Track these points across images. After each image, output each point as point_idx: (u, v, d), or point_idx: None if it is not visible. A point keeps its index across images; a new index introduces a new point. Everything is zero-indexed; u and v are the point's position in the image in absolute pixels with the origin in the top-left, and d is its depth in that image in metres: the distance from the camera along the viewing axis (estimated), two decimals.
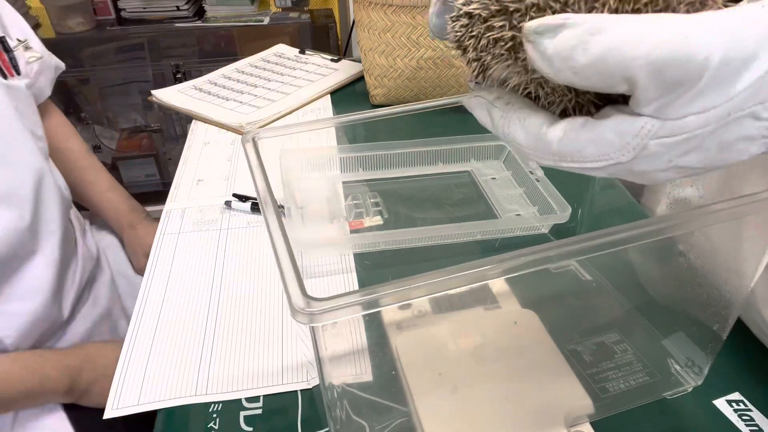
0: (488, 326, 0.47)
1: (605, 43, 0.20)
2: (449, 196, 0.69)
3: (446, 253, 0.60)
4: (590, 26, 0.21)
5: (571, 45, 0.21)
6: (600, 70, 0.21)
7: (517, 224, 0.61)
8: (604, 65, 0.21)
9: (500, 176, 0.71)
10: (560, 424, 0.42)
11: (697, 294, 0.41)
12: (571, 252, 0.29)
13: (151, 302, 0.56)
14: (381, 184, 0.70)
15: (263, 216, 0.32)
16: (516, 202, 0.67)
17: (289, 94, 0.95)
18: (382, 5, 0.79)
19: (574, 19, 0.21)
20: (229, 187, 0.73)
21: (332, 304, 0.26)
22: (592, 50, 0.21)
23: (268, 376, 0.48)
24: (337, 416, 0.37)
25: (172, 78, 1.56)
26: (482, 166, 0.73)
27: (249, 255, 0.61)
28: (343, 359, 0.42)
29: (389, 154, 0.71)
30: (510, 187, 0.69)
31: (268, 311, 0.55)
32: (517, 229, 0.61)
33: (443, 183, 0.71)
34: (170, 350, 0.51)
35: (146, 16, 1.59)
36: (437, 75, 0.83)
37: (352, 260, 0.59)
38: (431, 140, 0.71)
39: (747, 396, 0.45)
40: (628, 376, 0.44)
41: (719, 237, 0.39)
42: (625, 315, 0.48)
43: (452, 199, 0.68)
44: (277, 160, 0.67)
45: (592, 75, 0.21)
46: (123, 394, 0.47)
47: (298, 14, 1.61)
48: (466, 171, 0.73)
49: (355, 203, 0.66)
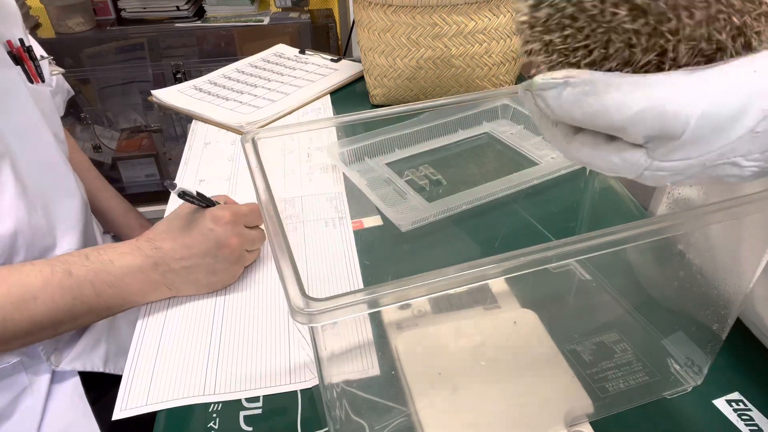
0: (488, 326, 0.47)
1: (597, 106, 0.25)
2: (482, 156, 0.73)
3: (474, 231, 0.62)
4: (585, 89, 0.25)
5: (569, 102, 0.25)
6: (592, 122, 0.25)
7: (559, 166, 0.66)
8: (595, 120, 0.25)
9: (515, 131, 0.76)
10: (560, 423, 0.42)
11: (697, 294, 0.41)
12: (571, 252, 0.29)
13: (156, 303, 0.56)
14: (411, 161, 0.74)
15: (263, 217, 0.32)
16: (543, 147, 0.71)
17: (289, 94, 0.95)
18: (382, 5, 0.79)
19: (574, 79, 0.25)
20: (231, 187, 0.73)
21: (331, 304, 0.26)
22: (585, 109, 0.25)
23: (268, 376, 0.48)
24: (336, 416, 0.37)
25: (172, 78, 1.56)
26: (495, 126, 0.77)
27: None
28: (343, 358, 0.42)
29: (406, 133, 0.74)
30: (529, 137, 0.74)
31: (268, 311, 0.55)
32: (560, 169, 0.66)
33: (468, 147, 0.75)
34: (176, 351, 0.51)
35: (146, 16, 1.59)
36: (437, 75, 0.83)
37: (355, 260, 0.59)
38: (440, 111, 0.75)
39: (746, 396, 0.45)
40: (628, 376, 0.44)
41: (719, 237, 0.39)
42: (625, 315, 0.48)
43: (487, 158, 0.73)
44: (277, 160, 0.67)
45: (587, 124, 0.26)
46: (131, 395, 0.47)
47: (298, 14, 1.61)
48: (484, 133, 0.77)
49: (407, 180, 0.69)
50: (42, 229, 0.61)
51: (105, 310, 0.54)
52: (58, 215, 0.65)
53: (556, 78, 0.25)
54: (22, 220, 0.58)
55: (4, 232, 0.56)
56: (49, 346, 0.62)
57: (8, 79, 0.63)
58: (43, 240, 0.61)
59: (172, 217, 0.56)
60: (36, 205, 0.61)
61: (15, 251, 0.57)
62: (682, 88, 0.23)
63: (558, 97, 0.25)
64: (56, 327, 0.53)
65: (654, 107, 0.23)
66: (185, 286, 0.55)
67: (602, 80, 0.24)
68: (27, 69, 0.68)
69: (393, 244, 0.62)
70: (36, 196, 0.61)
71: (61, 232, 0.65)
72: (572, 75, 0.25)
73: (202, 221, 0.55)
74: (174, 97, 0.97)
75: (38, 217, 0.60)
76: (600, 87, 0.24)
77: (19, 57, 0.67)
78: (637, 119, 0.24)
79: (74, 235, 0.66)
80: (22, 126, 0.63)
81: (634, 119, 0.24)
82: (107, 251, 0.54)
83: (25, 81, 0.67)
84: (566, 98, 0.25)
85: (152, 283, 0.54)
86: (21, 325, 0.50)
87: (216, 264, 0.55)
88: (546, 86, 0.25)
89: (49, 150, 0.67)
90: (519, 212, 0.66)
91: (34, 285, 0.51)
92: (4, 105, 0.61)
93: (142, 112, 1.71)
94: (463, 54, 0.81)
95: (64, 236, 0.65)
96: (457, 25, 0.78)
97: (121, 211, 0.92)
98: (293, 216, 0.67)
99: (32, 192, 0.60)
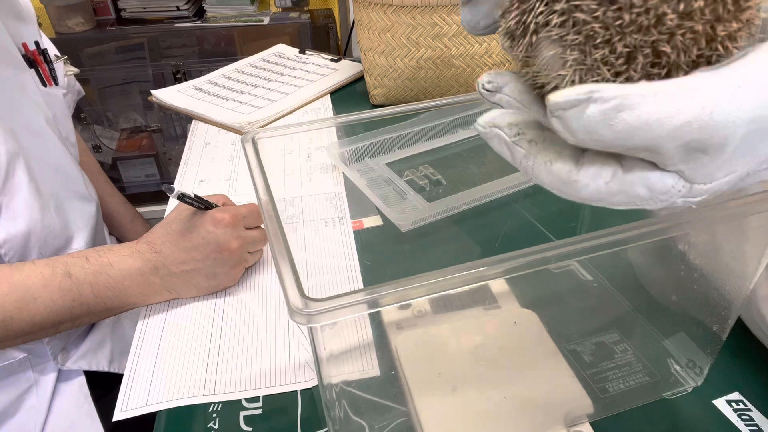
0: (488, 326, 0.47)
1: (632, 122, 0.20)
2: (482, 156, 0.73)
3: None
4: (618, 103, 0.20)
5: (596, 120, 0.20)
6: (624, 143, 0.21)
7: None
8: (629, 139, 0.20)
9: None
10: (560, 423, 0.42)
11: (697, 294, 0.41)
12: (571, 252, 0.29)
13: (156, 304, 0.56)
14: (411, 161, 0.73)
15: (263, 218, 0.32)
16: None
17: (289, 94, 0.95)
18: (382, 5, 0.79)
19: (600, 93, 0.20)
20: (231, 187, 0.73)
21: (330, 304, 0.25)
22: (618, 127, 0.20)
23: (268, 376, 0.48)
24: (336, 416, 0.37)
25: (172, 78, 1.56)
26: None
27: None
28: (342, 358, 0.42)
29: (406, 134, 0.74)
30: None
31: (268, 311, 0.55)
32: None
33: (468, 147, 0.75)
34: (176, 352, 0.51)
35: (146, 16, 1.58)
36: (437, 75, 0.83)
37: (355, 260, 0.59)
38: (440, 111, 0.74)
39: (747, 396, 0.45)
40: (628, 376, 0.44)
41: (719, 237, 0.39)
42: (625, 315, 0.47)
43: (487, 158, 0.72)
44: (277, 159, 0.67)
45: (615, 146, 0.21)
46: (132, 396, 0.47)
47: (298, 14, 1.61)
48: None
49: (407, 180, 0.69)
50: (55, 229, 0.61)
51: (104, 312, 0.54)
52: (71, 216, 0.65)
53: (579, 94, 0.20)
54: (36, 220, 0.58)
55: (17, 232, 0.56)
56: (57, 345, 0.62)
57: (22, 82, 0.64)
58: (56, 240, 0.61)
59: (172, 220, 0.56)
60: (49, 205, 0.61)
61: (28, 251, 0.58)
62: (727, 91, 0.20)
63: (579, 118, 0.20)
64: (56, 326, 0.53)
65: (699, 118, 0.20)
66: (186, 289, 0.55)
67: (635, 91, 0.20)
68: (41, 72, 0.69)
69: (393, 244, 0.61)
70: (49, 196, 0.61)
71: (74, 233, 0.65)
72: (596, 89, 0.20)
73: (202, 224, 0.54)
74: (174, 97, 0.97)
75: (51, 217, 0.61)
76: (634, 99, 0.20)
77: (33, 60, 0.68)
78: (682, 134, 0.20)
79: (86, 237, 0.66)
80: (34, 129, 0.63)
81: (675, 134, 0.20)
82: (107, 253, 0.54)
83: (39, 84, 0.67)
84: (592, 117, 0.20)
85: (152, 286, 0.54)
86: (21, 325, 0.50)
87: (216, 267, 0.55)
88: (567, 104, 0.20)
89: (61, 153, 0.67)
90: (519, 212, 0.65)
91: (34, 286, 0.51)
92: (18, 107, 0.61)
93: (142, 112, 1.71)
94: (463, 54, 0.81)
95: (77, 237, 0.65)
96: (457, 25, 0.78)
97: (129, 218, 0.92)
98: (293, 216, 0.67)
99: (45, 193, 0.61)
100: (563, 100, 0.21)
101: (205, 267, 0.54)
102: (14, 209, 0.56)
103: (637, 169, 0.22)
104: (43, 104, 0.66)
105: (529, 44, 0.24)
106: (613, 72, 0.23)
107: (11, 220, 0.56)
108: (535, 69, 0.25)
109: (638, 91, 0.20)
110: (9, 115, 0.59)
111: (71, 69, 0.77)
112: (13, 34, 0.65)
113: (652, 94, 0.20)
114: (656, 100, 0.20)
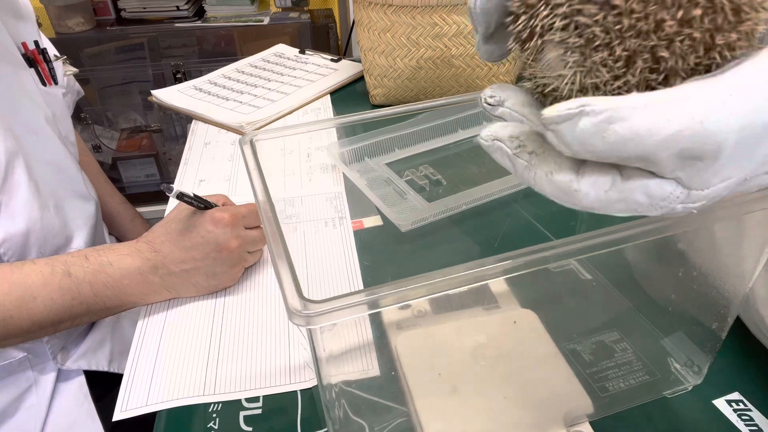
0: (488, 326, 0.47)
1: (624, 133, 0.21)
2: (482, 156, 0.73)
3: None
4: (609, 115, 0.21)
5: (590, 133, 0.21)
6: (618, 153, 0.21)
7: None
8: (623, 150, 0.21)
9: None
10: (560, 423, 0.42)
11: (697, 293, 0.41)
12: (571, 252, 0.29)
13: (156, 304, 0.56)
14: (411, 161, 0.73)
15: (261, 219, 0.32)
16: None
17: (289, 94, 0.95)
18: (382, 5, 0.79)
19: (591, 107, 0.21)
20: (231, 186, 0.73)
21: (329, 306, 0.25)
22: (610, 138, 0.21)
23: (268, 376, 0.48)
24: (335, 416, 0.37)
25: (172, 78, 1.56)
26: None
27: None
28: (342, 358, 0.42)
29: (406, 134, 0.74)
30: None
31: (268, 311, 0.55)
32: None
33: (468, 147, 0.74)
34: (176, 352, 0.51)
35: (146, 16, 1.58)
36: (437, 75, 0.83)
37: (355, 260, 0.59)
38: (440, 111, 0.74)
39: (746, 396, 0.45)
40: (628, 375, 0.44)
41: (718, 236, 0.39)
42: (625, 314, 0.47)
43: (487, 158, 0.72)
44: (277, 160, 0.67)
45: (610, 156, 0.22)
46: (131, 396, 0.47)
47: (298, 14, 1.61)
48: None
49: (407, 180, 0.69)
50: (54, 228, 0.61)
51: (103, 311, 0.54)
52: (70, 215, 0.65)
53: (571, 108, 0.21)
54: (35, 219, 0.58)
55: (16, 231, 0.56)
56: (56, 344, 0.62)
57: (21, 80, 0.64)
58: (55, 239, 0.61)
59: (171, 219, 0.56)
60: (48, 204, 0.61)
61: (27, 250, 0.58)
62: (718, 99, 0.20)
63: (573, 131, 0.21)
64: (56, 325, 0.53)
65: (690, 126, 0.20)
66: (185, 289, 0.55)
67: (626, 104, 0.21)
68: (40, 71, 0.69)
69: (393, 244, 0.61)
70: (48, 195, 0.61)
71: (73, 232, 0.65)
72: (588, 103, 0.21)
73: (202, 223, 0.54)
74: (174, 97, 0.97)
75: (50, 216, 0.61)
76: (624, 112, 0.21)
77: (33, 59, 0.68)
78: (674, 143, 0.20)
79: (86, 236, 0.67)
80: (33, 128, 0.63)
81: (667, 144, 0.20)
82: (106, 253, 0.54)
83: (38, 83, 0.67)
84: (585, 129, 0.21)
85: (151, 286, 0.54)
86: (20, 324, 0.50)
87: (216, 266, 0.55)
88: (560, 119, 0.21)
89: (60, 152, 0.67)
90: (519, 212, 0.66)
91: (34, 285, 0.51)
92: (17, 106, 0.61)
93: (142, 112, 1.71)
94: (463, 54, 0.81)
95: (76, 236, 0.65)
96: (457, 25, 0.78)
97: (128, 218, 0.92)
98: (293, 216, 0.67)
99: (44, 192, 0.61)
100: (556, 114, 0.21)
101: (205, 266, 0.54)
102: (13, 208, 0.56)
103: (635, 177, 0.23)
104: (43, 103, 0.66)
105: (535, 47, 0.25)
106: (612, 75, 0.23)
107: (10, 219, 0.56)
108: (537, 70, 0.26)
109: (629, 104, 0.21)
110: (8, 114, 0.59)
111: (70, 69, 0.77)
112: (12, 33, 0.65)
113: (643, 106, 0.21)
114: (647, 111, 0.21)
